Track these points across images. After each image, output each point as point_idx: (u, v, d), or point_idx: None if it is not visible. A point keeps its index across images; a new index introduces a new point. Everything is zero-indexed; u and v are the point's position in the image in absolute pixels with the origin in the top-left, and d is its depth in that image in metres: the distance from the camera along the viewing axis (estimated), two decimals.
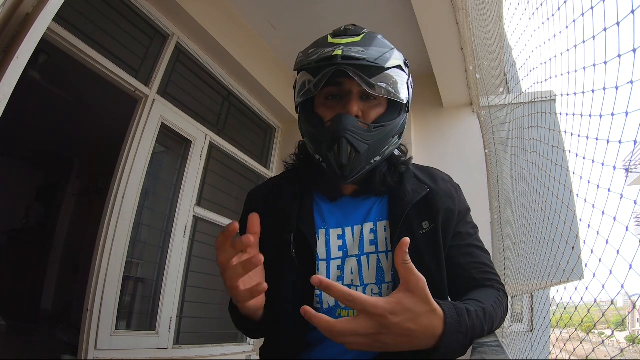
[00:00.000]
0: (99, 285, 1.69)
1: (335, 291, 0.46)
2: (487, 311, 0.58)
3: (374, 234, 0.73)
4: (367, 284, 0.71)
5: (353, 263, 0.71)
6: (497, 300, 0.65)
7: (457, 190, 0.81)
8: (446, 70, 2.68)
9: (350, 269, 0.71)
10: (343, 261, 0.72)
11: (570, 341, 0.82)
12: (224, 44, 2.38)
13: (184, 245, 2.18)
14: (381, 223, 0.73)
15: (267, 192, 0.82)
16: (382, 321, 0.45)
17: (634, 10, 0.50)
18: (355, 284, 0.71)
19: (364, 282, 0.71)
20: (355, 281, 0.71)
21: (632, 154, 6.88)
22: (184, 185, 2.22)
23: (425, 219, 0.72)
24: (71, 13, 1.67)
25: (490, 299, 0.63)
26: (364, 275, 0.71)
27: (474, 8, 1.97)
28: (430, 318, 0.47)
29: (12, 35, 0.90)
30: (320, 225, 0.74)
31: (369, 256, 0.72)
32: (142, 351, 1.88)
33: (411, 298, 0.46)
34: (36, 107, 3.28)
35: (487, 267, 0.73)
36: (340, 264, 0.72)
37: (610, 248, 0.59)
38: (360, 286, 0.70)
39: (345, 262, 0.72)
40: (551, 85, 0.89)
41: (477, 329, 0.54)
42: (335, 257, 0.72)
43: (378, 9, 2.48)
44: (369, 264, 0.71)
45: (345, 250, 0.72)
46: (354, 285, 0.71)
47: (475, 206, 0.87)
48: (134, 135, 1.92)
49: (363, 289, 0.70)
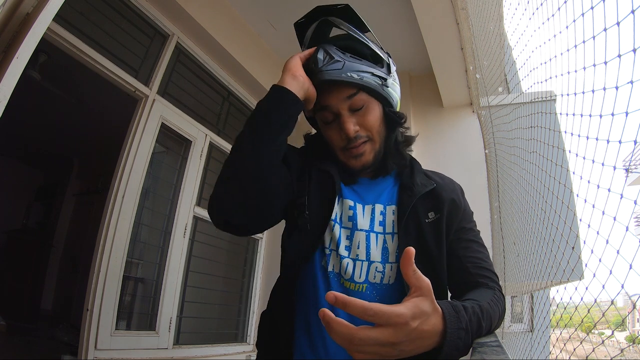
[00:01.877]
0: (99, 285, 1.69)
1: (354, 307, 0.43)
2: (484, 308, 0.59)
3: (383, 215, 0.77)
4: (373, 261, 0.73)
5: (361, 237, 0.75)
6: (493, 298, 0.66)
7: (462, 192, 0.85)
8: (446, 70, 2.68)
9: (358, 243, 0.74)
10: (352, 233, 0.75)
11: (570, 341, 0.82)
12: (224, 44, 2.38)
13: (184, 245, 2.18)
14: (390, 207, 0.77)
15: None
16: (405, 329, 0.44)
17: (634, 10, 0.50)
18: (360, 258, 0.73)
19: (370, 259, 0.73)
20: (361, 256, 0.74)
21: (632, 154, 6.88)
22: (184, 185, 2.22)
23: (432, 210, 0.76)
24: (71, 13, 1.67)
25: (485, 297, 0.64)
26: (371, 251, 0.74)
27: (474, 8, 1.97)
28: (435, 316, 0.48)
29: (12, 35, 0.90)
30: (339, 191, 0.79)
31: (377, 235, 0.75)
32: (142, 351, 1.88)
33: (424, 301, 0.47)
34: (36, 107, 3.28)
35: (483, 263, 0.75)
36: (349, 234, 0.75)
37: (610, 248, 0.59)
38: (366, 261, 0.73)
39: (354, 234, 0.75)
40: (551, 85, 0.89)
41: (474, 325, 0.54)
42: (346, 226, 0.76)
43: (378, 9, 2.48)
44: (377, 243, 0.75)
45: (355, 222, 0.75)
46: (360, 259, 0.73)
47: (475, 206, 0.88)
48: (134, 135, 1.92)
49: (368, 265, 0.73)
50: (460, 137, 2.97)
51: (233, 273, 2.65)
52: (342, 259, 0.73)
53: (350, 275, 0.72)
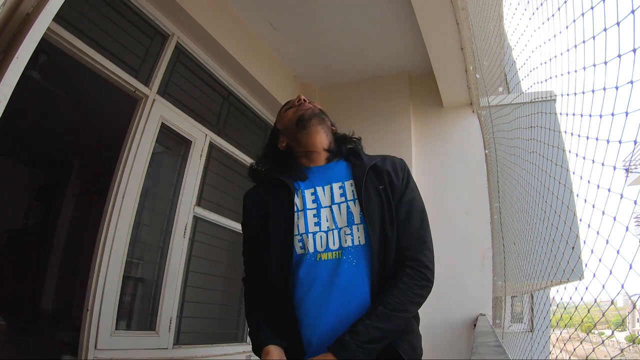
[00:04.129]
0: (99, 285, 1.69)
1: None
2: (384, 312, 0.78)
3: (342, 189, 0.93)
4: (340, 227, 0.88)
5: (327, 212, 0.91)
6: (401, 286, 0.81)
7: (402, 165, 0.99)
8: (446, 70, 2.68)
9: (326, 217, 0.90)
10: (318, 211, 0.91)
11: (570, 341, 0.82)
12: (224, 44, 2.38)
13: (184, 245, 2.18)
14: (348, 182, 0.94)
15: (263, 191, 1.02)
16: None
17: (634, 10, 0.50)
18: (331, 228, 0.88)
19: (338, 226, 0.88)
20: (331, 226, 0.89)
21: (632, 154, 6.87)
22: (184, 185, 2.22)
23: (378, 182, 0.92)
24: (71, 13, 1.67)
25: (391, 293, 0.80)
26: (337, 220, 0.89)
27: (474, 8, 1.97)
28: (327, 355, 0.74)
29: (12, 35, 0.90)
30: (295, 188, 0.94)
31: (339, 205, 0.91)
32: (142, 351, 1.88)
33: None
34: (36, 107, 3.28)
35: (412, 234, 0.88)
36: (315, 213, 0.91)
37: (610, 248, 0.59)
38: (335, 229, 0.88)
39: (320, 211, 0.91)
40: (551, 85, 0.89)
41: (374, 335, 0.76)
42: (311, 207, 0.92)
43: (378, 9, 2.48)
44: (340, 211, 0.90)
45: (318, 202, 0.92)
46: (330, 229, 0.88)
47: (475, 206, 0.89)
48: (134, 135, 1.92)
49: (338, 232, 0.88)
50: (460, 137, 2.97)
51: (233, 273, 2.65)
52: (315, 234, 0.88)
53: (325, 245, 0.87)
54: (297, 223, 0.89)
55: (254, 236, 0.96)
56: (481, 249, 2.58)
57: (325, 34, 2.74)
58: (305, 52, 2.96)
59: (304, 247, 0.87)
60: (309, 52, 2.96)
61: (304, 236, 0.88)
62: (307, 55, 3.00)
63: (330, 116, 1.03)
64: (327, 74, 3.19)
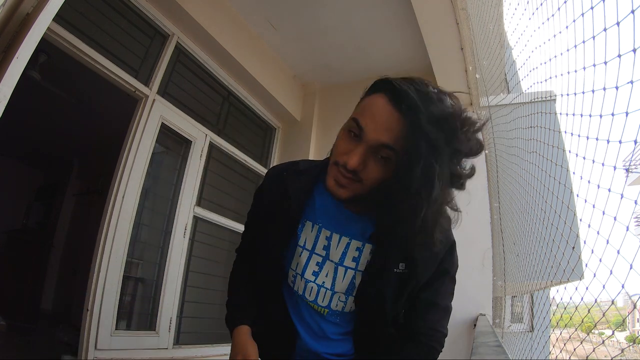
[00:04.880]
0: (99, 285, 1.69)
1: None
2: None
3: (359, 252, 0.76)
4: (337, 291, 0.77)
5: (330, 268, 0.77)
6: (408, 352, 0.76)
7: (450, 249, 0.79)
8: (446, 70, 2.67)
9: (326, 273, 0.77)
10: (323, 261, 0.78)
11: (570, 341, 0.82)
12: (224, 44, 2.38)
13: (184, 245, 2.18)
14: (368, 246, 0.76)
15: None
16: None
17: (634, 10, 0.50)
18: (326, 286, 0.77)
19: (334, 289, 0.77)
20: (327, 284, 0.77)
21: (632, 154, 6.88)
22: (184, 185, 2.22)
23: (404, 261, 0.74)
24: (71, 13, 1.67)
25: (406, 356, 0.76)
26: (337, 283, 0.77)
27: (474, 8, 1.97)
28: None
29: (12, 35, 0.90)
30: (311, 218, 0.79)
31: (346, 270, 0.76)
32: (142, 351, 1.88)
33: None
34: (36, 107, 3.28)
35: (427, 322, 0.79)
36: (320, 261, 0.78)
37: (611, 248, 0.59)
38: (330, 291, 0.77)
39: (325, 262, 0.78)
40: (551, 85, 0.89)
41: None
42: (319, 253, 0.78)
43: (378, 9, 2.47)
44: (345, 276, 0.76)
45: (327, 252, 0.78)
46: (325, 287, 0.77)
47: (475, 206, 0.88)
48: (134, 135, 1.92)
49: (331, 294, 0.77)
50: None
51: None
52: (307, 283, 0.78)
53: (314, 299, 0.78)
54: (296, 259, 0.79)
55: (265, 216, 0.82)
56: (481, 249, 2.58)
57: (325, 34, 2.74)
58: (305, 52, 2.96)
59: (294, 284, 0.80)
60: (309, 52, 2.96)
61: (297, 277, 0.79)
62: (307, 55, 3.00)
63: (330, 116, 0.83)
64: (327, 73, 3.19)
